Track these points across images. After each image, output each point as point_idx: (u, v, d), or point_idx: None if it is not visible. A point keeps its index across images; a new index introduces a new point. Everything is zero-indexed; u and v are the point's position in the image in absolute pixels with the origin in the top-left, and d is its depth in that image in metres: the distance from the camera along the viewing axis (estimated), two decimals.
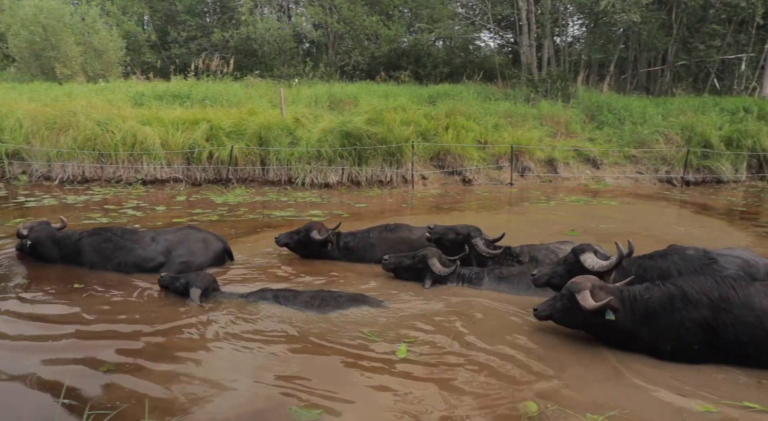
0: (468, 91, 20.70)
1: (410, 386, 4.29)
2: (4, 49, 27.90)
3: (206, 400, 4.08)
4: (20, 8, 24.85)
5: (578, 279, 5.01)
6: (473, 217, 11.00)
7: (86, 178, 14.20)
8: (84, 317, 5.60)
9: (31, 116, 14.66)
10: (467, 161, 15.56)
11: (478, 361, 4.70)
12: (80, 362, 4.67)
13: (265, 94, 19.49)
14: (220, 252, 7.40)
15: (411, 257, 6.78)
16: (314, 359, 4.71)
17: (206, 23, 31.35)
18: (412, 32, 30.92)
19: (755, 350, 4.55)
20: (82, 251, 7.17)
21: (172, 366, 4.58)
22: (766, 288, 4.69)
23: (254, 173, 14.52)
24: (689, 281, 4.83)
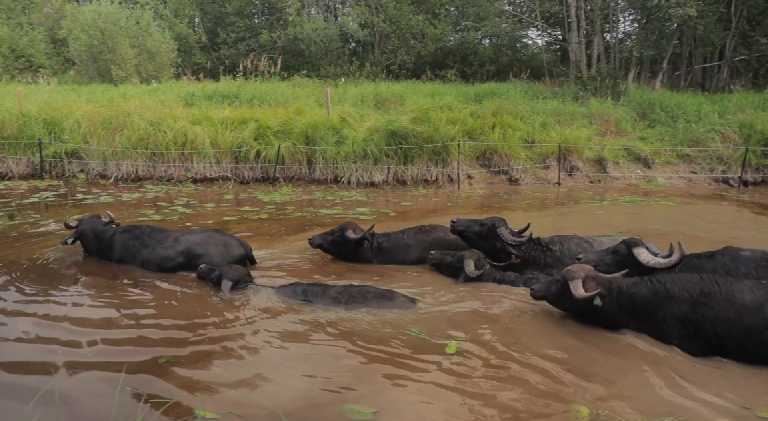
0: (515, 89, 20.44)
1: (461, 385, 4.26)
2: (65, 53, 29.02)
3: (259, 393, 4.15)
4: (81, 14, 25.83)
5: (573, 268, 5.28)
6: (519, 216, 10.84)
7: (139, 176, 14.64)
8: (138, 311, 5.77)
9: (89, 117, 15.23)
10: (514, 161, 15.36)
11: (527, 362, 4.65)
12: (140, 353, 4.82)
13: (312, 93, 19.69)
14: (239, 257, 7.30)
15: (452, 256, 6.88)
16: (364, 356, 4.73)
17: (254, 24, 31.88)
18: (458, 31, 30.70)
19: (735, 345, 4.63)
20: (114, 246, 7.40)
21: (225, 359, 4.69)
22: (754, 285, 4.74)
23: (301, 172, 14.68)
24: (674, 278, 4.99)
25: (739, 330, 4.58)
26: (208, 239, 7.32)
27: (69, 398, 4.10)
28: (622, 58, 25.22)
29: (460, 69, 28.68)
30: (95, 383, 4.36)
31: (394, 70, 28.90)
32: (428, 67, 28.32)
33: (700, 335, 4.72)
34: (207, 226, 9.73)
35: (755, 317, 4.55)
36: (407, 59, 28.89)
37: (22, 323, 5.49)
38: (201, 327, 5.36)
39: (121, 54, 24.78)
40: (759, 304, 4.58)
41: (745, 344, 4.59)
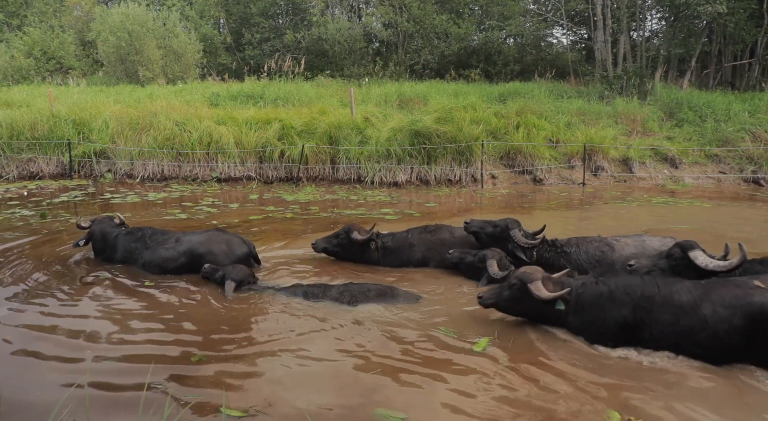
0: (539, 89, 20.27)
1: (491, 386, 4.25)
2: (94, 54, 29.54)
3: (290, 393, 4.17)
4: (109, 16, 26.28)
5: (528, 269, 5.25)
6: (543, 216, 10.76)
7: (165, 176, 14.84)
8: (166, 311, 5.86)
9: (117, 117, 15.48)
10: (538, 160, 15.23)
11: (557, 363, 4.62)
12: (173, 351, 4.91)
13: (336, 93, 19.76)
14: (243, 256, 7.18)
15: (473, 255, 6.77)
16: (392, 356, 4.74)
17: (279, 25, 32.10)
18: (482, 30, 30.55)
19: (671, 346, 4.65)
20: (117, 248, 7.39)
21: (254, 359, 4.73)
22: (692, 285, 4.73)
23: (324, 172, 14.74)
24: (619, 281, 4.99)
25: (675, 332, 4.60)
26: (210, 239, 7.20)
27: (98, 393, 4.19)
28: (648, 56, 24.82)
29: (484, 68, 28.53)
30: (124, 379, 4.44)
31: (417, 70, 28.87)
32: (452, 67, 28.23)
33: (638, 338, 4.75)
34: (233, 225, 9.86)
35: (691, 318, 4.55)
36: (431, 59, 28.82)
37: (52, 320, 5.61)
38: (229, 327, 5.42)
39: (148, 55, 25.14)
40: (695, 305, 4.57)
41: (681, 345, 4.61)
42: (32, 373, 4.58)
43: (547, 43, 32.04)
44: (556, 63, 28.45)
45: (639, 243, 6.42)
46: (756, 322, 4.36)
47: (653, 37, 28.59)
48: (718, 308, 4.48)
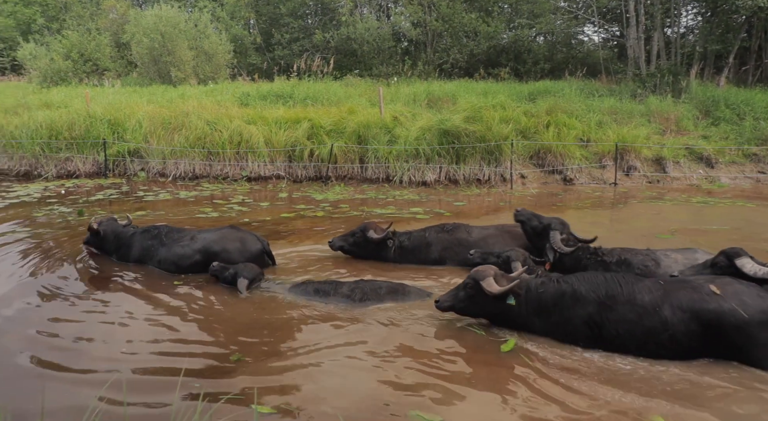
0: (570, 87, 20.01)
1: (523, 386, 4.24)
2: (128, 56, 30.13)
3: (323, 392, 4.22)
4: (143, 18, 26.76)
5: (481, 268, 5.24)
6: (573, 216, 10.63)
7: (196, 174, 15.05)
8: (202, 309, 5.98)
9: (150, 117, 15.76)
10: (568, 160, 15.03)
11: (596, 365, 4.57)
12: (212, 348, 5.02)
13: (364, 93, 19.79)
14: (258, 253, 7.24)
15: (496, 256, 6.68)
16: (424, 356, 4.75)
17: (308, 25, 32.31)
18: (512, 28, 30.30)
19: (636, 346, 4.67)
20: (132, 246, 7.49)
21: (290, 359, 4.80)
22: (653, 285, 4.78)
23: (353, 171, 14.78)
24: (581, 279, 5.00)
25: (639, 331, 4.63)
26: (224, 236, 7.28)
27: (135, 388, 4.30)
28: (683, 53, 24.33)
29: (514, 67, 28.29)
30: (160, 375, 4.55)
31: (446, 69, 28.75)
32: (481, 66, 28.06)
33: (604, 336, 4.76)
34: (264, 222, 9.97)
35: (653, 319, 4.60)
36: (460, 58, 28.68)
37: (87, 317, 5.74)
38: (262, 327, 5.49)
39: (180, 56, 25.53)
40: (656, 305, 4.62)
41: (646, 344, 4.64)
42: (72, 364, 4.72)
43: (577, 40, 31.63)
44: (587, 61, 28.06)
45: (690, 259, 6.12)
46: (711, 328, 4.46)
47: (688, 33, 28.00)
48: (677, 311, 4.56)
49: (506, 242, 7.36)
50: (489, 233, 7.56)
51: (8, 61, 40.16)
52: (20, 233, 9.03)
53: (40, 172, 15.25)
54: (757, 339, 4.40)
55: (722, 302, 4.48)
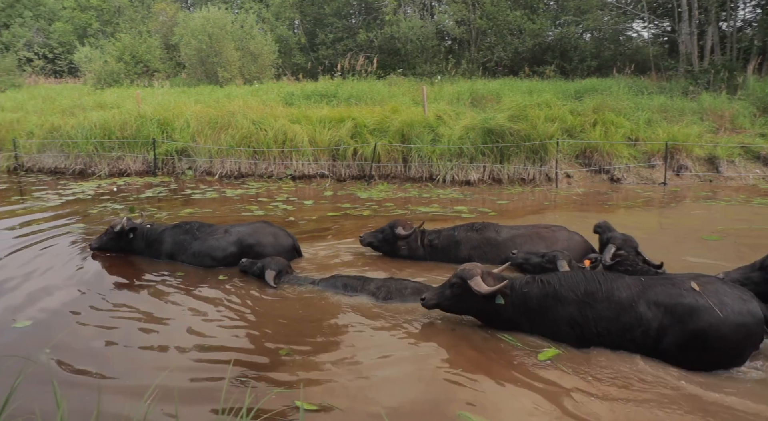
0: (618, 85, 19.55)
1: (566, 396, 4.16)
2: (177, 57, 30.91)
3: (373, 391, 4.25)
4: (191, 20, 27.44)
5: (468, 265, 5.19)
6: (619, 217, 10.41)
7: (242, 173, 15.31)
8: (249, 304, 6.08)
9: (197, 117, 16.12)
10: (616, 159, 14.68)
11: (636, 374, 4.45)
12: (262, 342, 5.11)
13: (408, 92, 19.78)
14: (289, 247, 7.52)
15: (540, 256, 6.60)
16: (466, 360, 4.73)
17: (352, 24, 32.50)
18: (557, 25, 29.82)
19: (614, 343, 4.67)
20: (164, 242, 7.66)
21: (336, 355, 4.85)
22: (631, 281, 4.76)
23: (396, 170, 14.79)
24: (562, 278, 4.99)
25: (616, 328, 4.63)
26: (258, 230, 7.55)
27: (184, 382, 4.41)
28: (740, 48, 23.45)
29: (560, 65, 27.83)
30: (209, 368, 4.66)
31: (490, 68, 28.50)
32: (526, 64, 27.70)
33: (586, 335, 4.76)
34: (311, 221, 10.10)
35: (629, 315, 4.59)
36: (504, 56, 28.39)
37: (140, 314, 5.91)
38: (312, 322, 5.57)
39: (226, 57, 26.05)
40: (632, 301, 4.60)
41: (621, 341, 4.64)
42: (127, 360, 4.87)
43: (626, 37, 30.85)
44: (635, 58, 27.37)
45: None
46: (681, 323, 4.42)
47: (746, 26, 26.96)
48: (652, 306, 4.53)
49: (534, 242, 7.27)
50: (518, 232, 7.48)
51: (66, 64, 41.71)
52: (75, 229, 9.37)
53: (93, 170, 15.78)
54: (727, 341, 4.31)
55: (699, 298, 4.40)
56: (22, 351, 4.81)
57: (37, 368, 4.31)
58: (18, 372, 3.37)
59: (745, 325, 4.29)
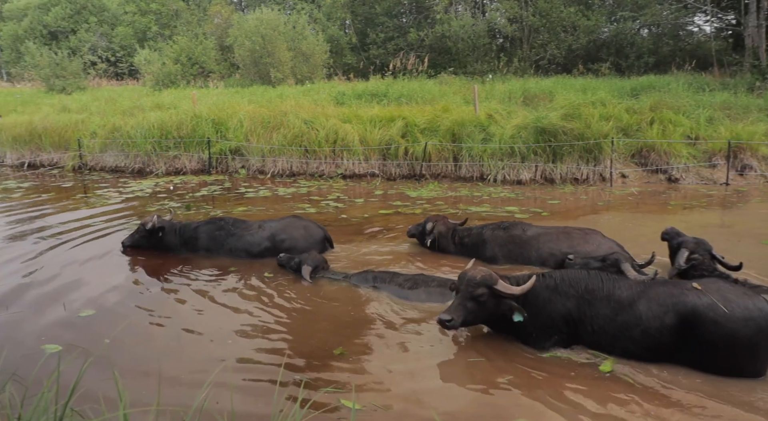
0: (677, 82, 18.88)
1: (629, 411, 4.04)
2: (231, 58, 31.59)
3: (427, 395, 4.25)
4: (245, 22, 27.99)
5: (472, 272, 4.91)
6: (676, 218, 10.05)
7: (293, 172, 15.52)
8: (301, 302, 6.16)
9: (250, 117, 16.44)
10: (674, 158, 14.17)
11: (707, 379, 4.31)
12: (315, 341, 5.18)
13: (459, 91, 19.65)
14: (320, 239, 7.85)
15: (601, 260, 6.37)
16: (519, 369, 4.66)
17: (403, 24, 32.50)
18: (613, 21, 29.04)
19: (608, 341, 4.67)
20: (199, 237, 7.87)
21: (393, 356, 4.88)
22: (633, 283, 4.80)
23: (446, 169, 14.70)
24: (564, 274, 5.03)
25: (613, 326, 4.62)
26: (289, 225, 7.86)
27: (238, 376, 4.52)
28: None
29: (615, 62, 27.10)
30: (262, 363, 4.77)
31: (543, 66, 28.01)
32: (580, 61, 27.11)
33: (580, 332, 4.78)
34: (363, 219, 10.18)
35: (628, 314, 4.58)
36: (557, 53, 27.86)
37: (194, 309, 6.07)
38: (367, 322, 5.62)
39: (279, 57, 26.44)
40: (632, 300, 4.60)
41: (617, 340, 4.63)
42: (182, 352, 5.02)
43: (686, 31, 29.75)
44: (696, 53, 26.38)
45: None
46: (685, 322, 4.37)
47: None
48: (653, 306, 4.52)
49: (561, 241, 7.20)
50: (544, 231, 7.49)
51: (126, 66, 43.26)
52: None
53: (151, 169, 16.30)
54: (736, 337, 4.19)
55: (702, 295, 4.37)
56: (86, 340, 5.01)
57: (100, 356, 4.46)
58: (83, 360, 3.50)
59: (752, 319, 4.19)
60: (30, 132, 18.14)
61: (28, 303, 6.20)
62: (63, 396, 2.70)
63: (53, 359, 4.67)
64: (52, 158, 17.76)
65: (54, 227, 9.68)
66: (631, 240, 7.62)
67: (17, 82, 42.24)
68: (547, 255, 7.08)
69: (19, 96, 28.13)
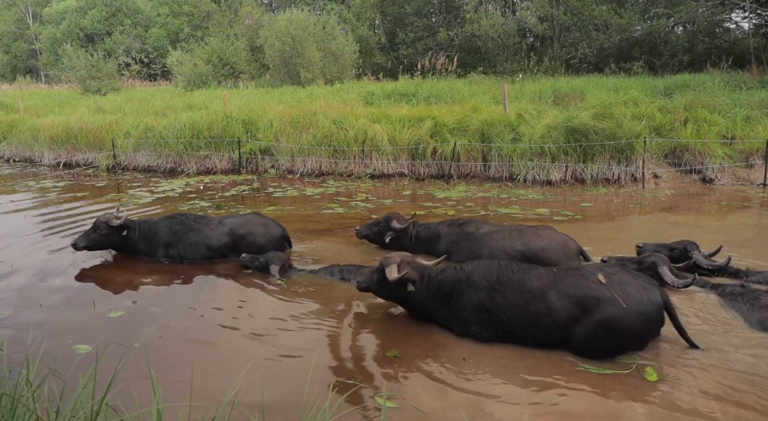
0: (712, 80, 18.44)
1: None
2: (262, 59, 31.92)
3: (488, 404, 4.21)
4: (275, 22, 28.24)
5: (390, 255, 5.56)
6: (715, 218, 9.80)
7: (322, 172, 15.60)
8: (341, 305, 6.15)
9: (280, 117, 16.58)
10: (709, 159, 13.85)
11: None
12: (367, 345, 5.21)
13: (488, 90, 19.52)
14: (279, 236, 7.93)
15: (637, 262, 6.30)
16: (570, 380, 4.59)
17: (432, 23, 32.41)
18: (646, 19, 28.50)
19: (522, 330, 4.91)
20: (159, 232, 7.86)
21: (446, 362, 4.86)
22: (544, 272, 5.03)
23: (476, 169, 14.62)
24: (477, 266, 5.26)
25: (525, 316, 4.86)
26: (248, 221, 7.93)
27: (272, 375, 4.59)
28: None
29: (648, 60, 26.61)
30: (292, 366, 4.80)
31: (574, 65, 27.66)
32: (612, 60, 26.69)
33: (494, 322, 4.99)
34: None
35: (538, 304, 4.83)
36: (589, 52, 27.47)
37: (229, 306, 6.14)
38: (421, 327, 5.58)
39: (308, 57, 26.61)
40: (544, 290, 4.86)
41: (530, 329, 4.87)
42: (215, 350, 5.09)
43: (723, 29, 29.01)
44: (733, 51, 25.73)
45: None
46: (588, 313, 4.70)
47: None
48: (562, 297, 4.79)
49: (513, 239, 7.22)
50: (498, 228, 7.56)
51: (159, 67, 44.05)
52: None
53: (182, 168, 16.56)
54: (630, 329, 4.64)
55: (605, 290, 4.71)
56: (118, 339, 5.11)
57: (133, 354, 4.55)
58: (118, 358, 3.58)
59: (646, 313, 4.66)
60: (66, 132, 18.62)
61: (60, 302, 6.36)
62: (99, 392, 2.77)
63: (87, 357, 4.79)
64: (87, 158, 18.17)
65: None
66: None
67: (55, 84, 43.38)
68: (499, 252, 7.09)
69: (56, 97, 28.84)
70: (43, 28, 53.65)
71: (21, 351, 4.64)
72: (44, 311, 6.00)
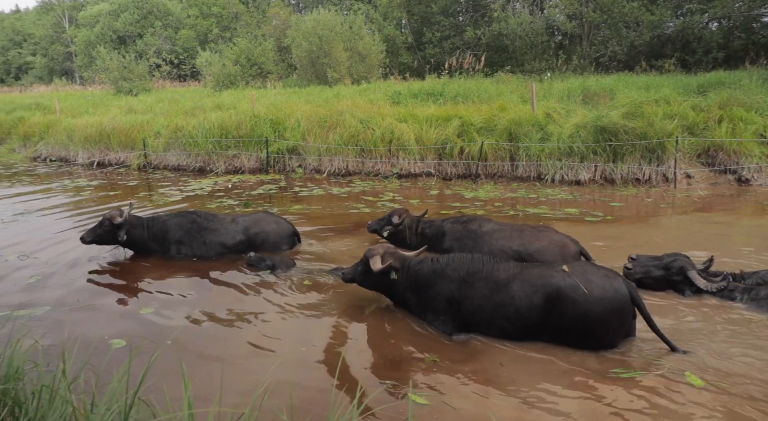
0: (749, 77, 17.96)
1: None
2: (289, 59, 32.15)
3: (527, 413, 4.18)
4: (303, 23, 28.42)
5: (374, 246, 5.85)
6: (745, 222, 9.59)
7: (349, 171, 15.67)
8: (362, 310, 6.16)
9: (307, 117, 16.70)
10: (744, 158, 13.52)
11: None
12: (407, 349, 5.21)
13: (516, 89, 19.36)
14: (291, 234, 8.22)
15: (663, 268, 6.10)
16: (594, 389, 4.52)
17: (459, 22, 32.26)
18: (679, 15, 27.92)
19: (486, 320, 5.08)
20: (170, 230, 7.90)
21: (484, 368, 4.84)
22: (513, 265, 5.19)
23: (503, 169, 14.53)
24: (451, 258, 5.46)
25: (489, 306, 5.03)
26: (261, 219, 8.13)
27: (300, 377, 4.60)
28: None
29: (680, 58, 26.06)
30: (318, 368, 4.83)
31: (603, 63, 27.25)
32: (642, 58, 26.20)
33: (462, 312, 5.17)
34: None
35: (502, 294, 4.99)
36: (619, 50, 27.03)
37: (259, 313, 6.22)
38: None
39: (335, 57, 26.72)
40: (508, 281, 5.02)
41: (493, 319, 5.04)
42: (244, 350, 5.14)
43: (761, 24, 28.23)
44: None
45: None
46: (550, 301, 4.84)
47: None
48: (525, 286, 4.95)
49: (513, 237, 7.24)
50: (500, 227, 7.54)
51: (189, 68, 44.69)
52: None
53: (211, 167, 16.79)
54: (591, 315, 4.71)
55: (567, 277, 4.84)
56: (149, 336, 5.21)
57: (164, 350, 4.63)
58: (149, 353, 3.66)
59: (608, 299, 4.71)
60: (99, 132, 19.03)
61: (95, 297, 6.52)
62: (132, 386, 2.85)
63: (120, 352, 4.90)
64: (119, 157, 18.55)
65: None
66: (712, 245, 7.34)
67: (89, 85, 44.34)
68: (498, 251, 7.07)
69: (90, 98, 29.46)
70: (78, 31, 54.92)
71: (58, 345, 4.78)
72: (79, 308, 6.15)
